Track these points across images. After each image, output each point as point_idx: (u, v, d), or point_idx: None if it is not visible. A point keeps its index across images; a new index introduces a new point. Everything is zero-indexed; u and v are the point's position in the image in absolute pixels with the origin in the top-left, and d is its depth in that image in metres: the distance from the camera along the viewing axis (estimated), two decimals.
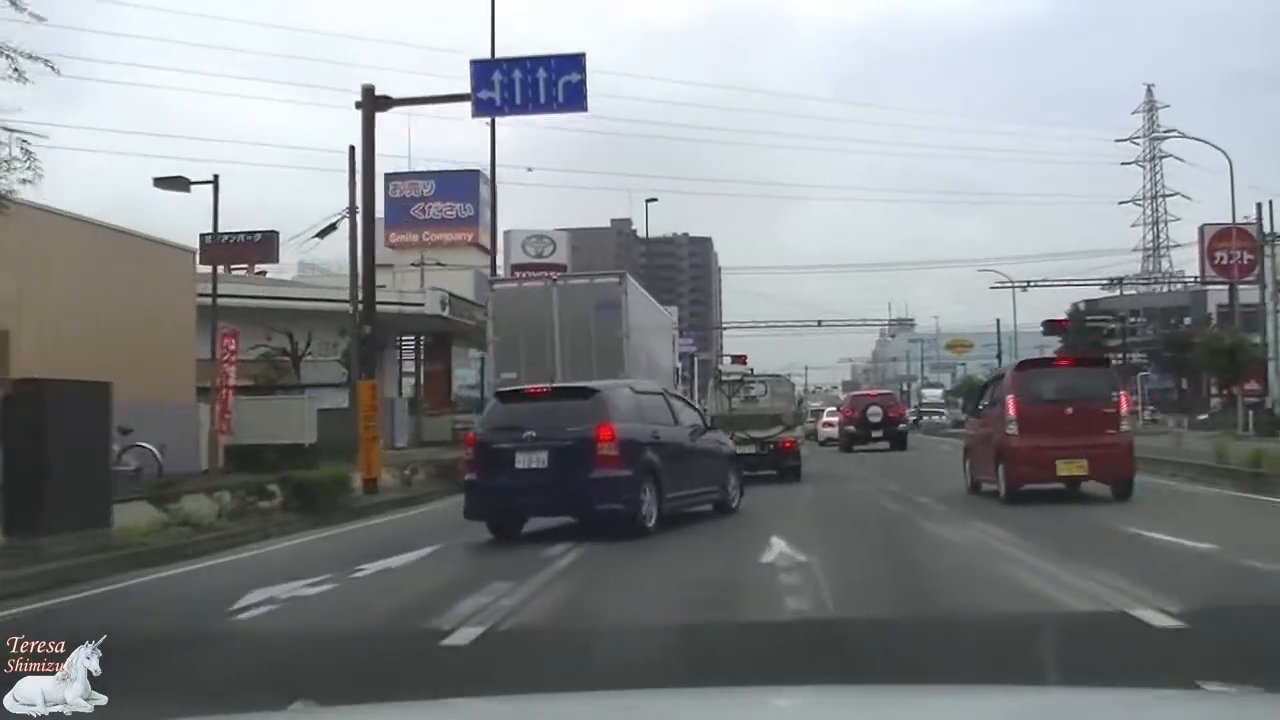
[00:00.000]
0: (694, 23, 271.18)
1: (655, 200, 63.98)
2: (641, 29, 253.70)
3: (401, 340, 44.23)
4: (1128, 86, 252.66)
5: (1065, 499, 16.14)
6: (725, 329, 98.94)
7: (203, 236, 54.15)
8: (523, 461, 12.88)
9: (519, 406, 13.93)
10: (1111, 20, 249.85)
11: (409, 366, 49.59)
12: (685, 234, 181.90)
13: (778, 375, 35.29)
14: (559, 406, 13.56)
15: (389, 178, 60.37)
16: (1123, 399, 16.90)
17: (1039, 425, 15.97)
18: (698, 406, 18.66)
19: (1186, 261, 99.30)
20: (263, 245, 45.55)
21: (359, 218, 28.29)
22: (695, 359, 78.49)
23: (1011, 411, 16.26)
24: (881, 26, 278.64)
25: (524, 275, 24.92)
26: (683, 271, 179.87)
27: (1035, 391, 16.75)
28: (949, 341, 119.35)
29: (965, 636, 7.18)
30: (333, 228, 30.06)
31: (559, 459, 12.76)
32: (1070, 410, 16.31)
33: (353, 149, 31.47)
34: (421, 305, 35.39)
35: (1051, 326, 71.96)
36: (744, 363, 73.74)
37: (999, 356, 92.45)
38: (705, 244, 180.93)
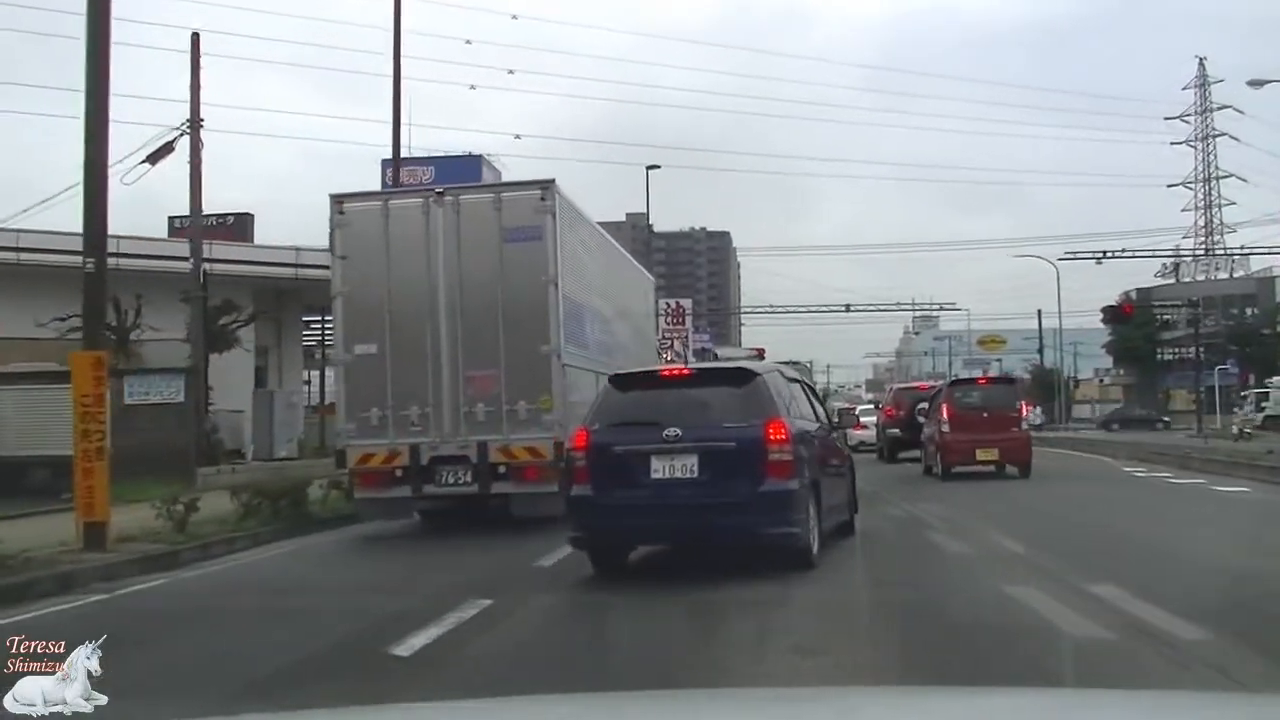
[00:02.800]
0: (717, 14, 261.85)
1: (657, 168, 53.78)
2: (665, 18, 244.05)
3: (325, 319, 35.30)
4: (1162, 80, 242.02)
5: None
6: (744, 313, 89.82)
7: (171, 219, 46.60)
8: (662, 469, 9.72)
9: (648, 395, 10.72)
10: (1143, 15, 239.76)
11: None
12: (703, 228, 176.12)
13: (795, 362, 27.39)
14: (705, 395, 10.56)
15: (386, 164, 53.35)
16: (1023, 406, 23.79)
17: (964, 425, 21.95)
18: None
19: (1242, 246, 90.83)
20: (236, 228, 38.51)
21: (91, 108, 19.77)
22: (713, 355, 69.32)
23: (945, 415, 22.26)
24: (907, 20, 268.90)
25: (392, 190, 16.05)
26: (700, 266, 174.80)
27: (962, 401, 22.96)
28: (981, 337, 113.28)
29: None
30: (168, 148, 21.34)
31: (715, 466, 9.67)
32: (986, 415, 22.37)
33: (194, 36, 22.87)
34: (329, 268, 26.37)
35: (1114, 314, 63.01)
36: (761, 356, 64.66)
37: (1040, 351, 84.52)
38: (724, 238, 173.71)
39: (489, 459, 14.17)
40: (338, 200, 14.80)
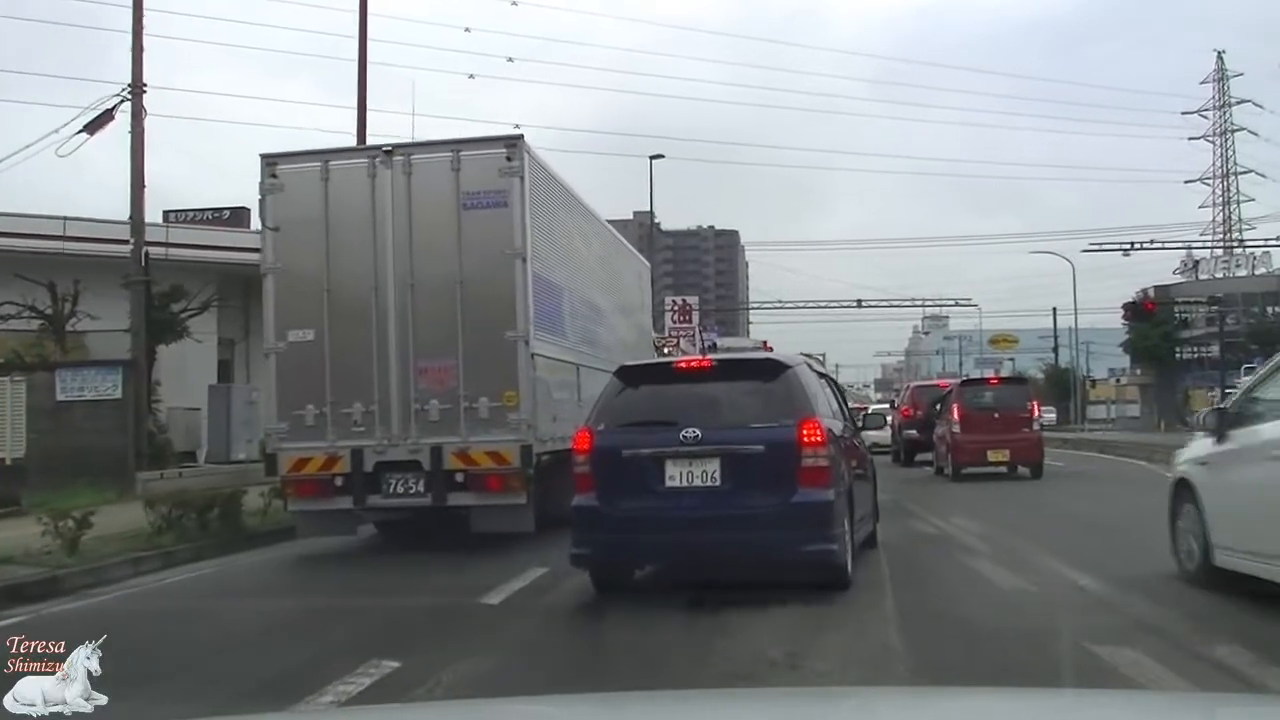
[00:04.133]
0: (728, 7, 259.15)
1: (661, 157, 51.55)
2: (672, 8, 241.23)
3: None
4: (1179, 76, 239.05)
5: None
6: (752, 309, 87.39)
7: (166, 213, 45.11)
8: (678, 475, 8.45)
9: (662, 390, 9.27)
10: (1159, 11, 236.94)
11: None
12: (711, 226, 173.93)
13: (809, 355, 25.45)
14: (728, 390, 9.03)
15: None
16: (1033, 406, 23.38)
17: (975, 426, 22.13)
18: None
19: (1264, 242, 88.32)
20: (231, 222, 36.60)
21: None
22: (713, 346, 66.97)
23: (956, 416, 22.48)
24: (920, 17, 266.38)
25: (333, 149, 13.82)
26: (708, 265, 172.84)
27: (973, 401, 23.03)
28: (993, 337, 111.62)
29: None
30: (109, 115, 19.16)
31: (740, 473, 8.40)
32: (997, 415, 22.52)
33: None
34: None
35: (1136, 311, 60.58)
36: (767, 349, 62.29)
37: (1055, 350, 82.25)
38: (732, 236, 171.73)
39: (444, 465, 12.00)
40: (270, 161, 12.62)
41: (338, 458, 12.15)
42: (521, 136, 12.30)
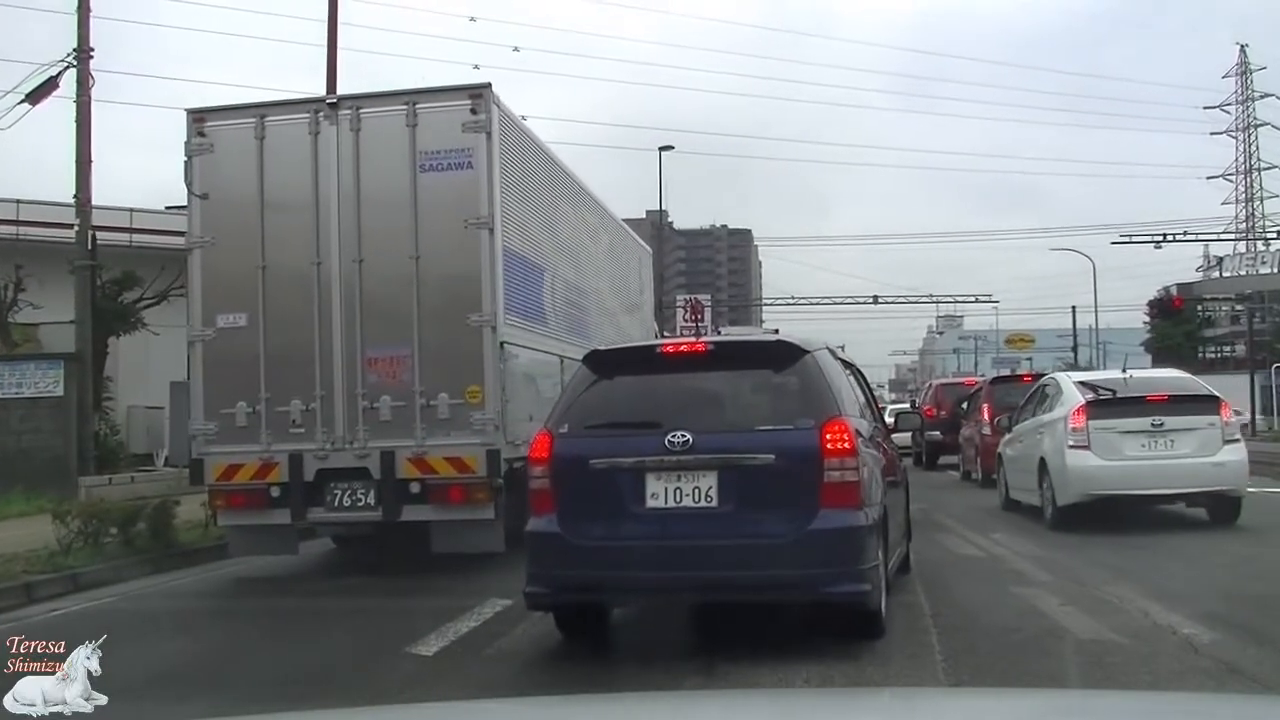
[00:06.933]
0: (741, 6, 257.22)
1: (670, 148, 49.59)
2: (690, 8, 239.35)
3: None
4: (1196, 73, 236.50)
5: None
6: (765, 306, 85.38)
7: (168, 207, 43.85)
8: (662, 493, 6.67)
9: (642, 383, 7.43)
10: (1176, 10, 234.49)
11: None
12: (724, 225, 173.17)
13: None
14: (728, 383, 7.36)
15: None
16: None
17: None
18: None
19: None
20: None
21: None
22: (717, 334, 64.83)
23: (986, 416, 20.82)
24: (935, 16, 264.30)
25: (271, 103, 12.03)
26: (721, 265, 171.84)
27: (1005, 401, 20.26)
28: (1009, 336, 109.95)
29: None
30: (52, 84, 17.42)
31: (743, 490, 6.63)
32: None
33: None
34: None
35: (1162, 308, 58.58)
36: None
37: (1074, 349, 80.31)
38: (745, 235, 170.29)
39: (397, 473, 10.23)
40: (197, 117, 10.84)
41: (273, 464, 10.40)
42: (489, 85, 10.47)
